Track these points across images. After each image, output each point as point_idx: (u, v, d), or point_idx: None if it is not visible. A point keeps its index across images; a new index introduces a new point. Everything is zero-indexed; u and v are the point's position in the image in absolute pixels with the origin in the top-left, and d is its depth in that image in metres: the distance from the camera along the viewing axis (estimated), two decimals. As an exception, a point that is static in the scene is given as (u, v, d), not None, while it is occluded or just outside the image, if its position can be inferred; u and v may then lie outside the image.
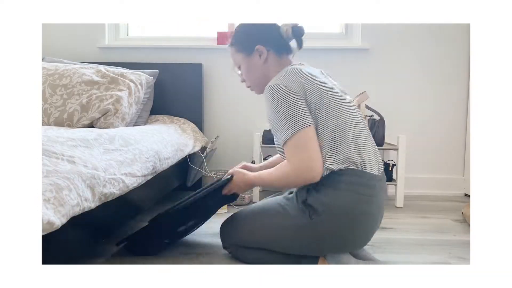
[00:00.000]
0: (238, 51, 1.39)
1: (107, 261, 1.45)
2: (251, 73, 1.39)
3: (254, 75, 1.39)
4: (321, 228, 1.19)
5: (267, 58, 1.35)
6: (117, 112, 1.93)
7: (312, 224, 1.20)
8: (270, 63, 1.36)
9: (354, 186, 1.17)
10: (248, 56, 1.37)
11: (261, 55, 1.36)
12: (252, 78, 1.40)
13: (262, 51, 1.35)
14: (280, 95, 1.19)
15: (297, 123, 1.16)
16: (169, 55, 2.61)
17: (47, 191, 0.92)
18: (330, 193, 1.18)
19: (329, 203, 1.17)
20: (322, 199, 1.18)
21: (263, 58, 1.35)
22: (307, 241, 1.23)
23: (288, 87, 1.19)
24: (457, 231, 1.83)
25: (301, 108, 1.18)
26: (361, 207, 1.18)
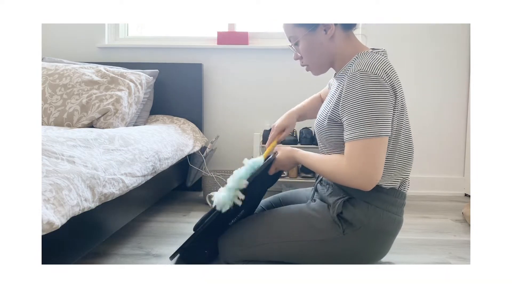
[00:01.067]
0: (297, 25, 1.16)
1: (107, 261, 1.45)
2: (313, 52, 1.18)
3: (317, 54, 1.18)
4: (352, 244, 1.14)
5: (334, 34, 1.15)
6: (117, 112, 1.93)
7: (343, 239, 1.14)
8: (337, 40, 1.16)
9: (391, 206, 1.15)
10: (311, 31, 1.15)
11: (327, 31, 1.14)
12: (314, 58, 1.19)
13: (329, 26, 1.14)
14: (376, 89, 1.03)
15: (380, 128, 1.03)
16: (169, 55, 2.61)
17: (47, 191, 0.92)
18: (370, 211, 1.13)
19: (367, 221, 1.12)
20: (360, 215, 1.12)
21: (329, 34, 1.14)
22: (332, 255, 1.16)
23: (387, 86, 1.04)
24: (457, 231, 1.83)
25: (389, 113, 1.04)
26: (392, 227, 1.17)
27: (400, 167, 1.15)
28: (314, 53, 1.18)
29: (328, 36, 1.15)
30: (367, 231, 1.13)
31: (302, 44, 1.18)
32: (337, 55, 1.18)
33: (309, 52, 1.18)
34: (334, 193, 1.20)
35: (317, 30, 1.15)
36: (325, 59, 1.19)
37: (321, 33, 1.15)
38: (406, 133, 1.15)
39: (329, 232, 1.15)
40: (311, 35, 1.16)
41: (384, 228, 1.14)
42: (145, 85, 2.22)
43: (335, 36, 1.16)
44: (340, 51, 1.17)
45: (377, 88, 1.03)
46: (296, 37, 1.18)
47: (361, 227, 1.13)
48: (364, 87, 1.03)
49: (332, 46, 1.17)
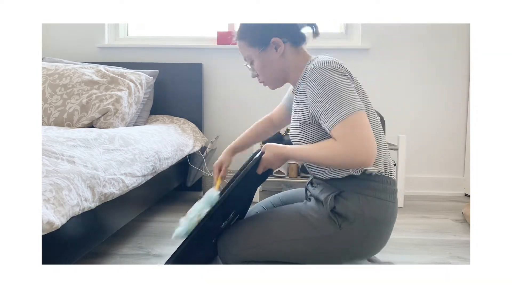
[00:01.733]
0: (250, 45, 1.25)
1: (107, 261, 1.45)
2: (267, 69, 1.26)
3: (270, 71, 1.26)
4: (350, 237, 1.16)
5: (284, 51, 1.23)
6: (117, 112, 1.93)
7: (341, 234, 1.15)
8: (288, 56, 1.24)
9: (382, 193, 1.17)
10: (263, 50, 1.23)
11: (277, 48, 1.22)
12: (268, 74, 1.27)
13: (279, 44, 1.22)
14: (334, 75, 1.10)
15: (354, 104, 1.07)
16: (169, 55, 2.61)
17: (47, 191, 0.92)
18: (361, 201, 1.15)
19: (360, 212, 1.14)
20: (352, 207, 1.14)
21: (280, 52, 1.22)
22: (331, 251, 1.18)
23: (341, 68, 1.12)
24: (457, 231, 1.83)
25: (354, 91, 1.10)
26: (388, 214, 1.18)
27: (380, 150, 1.18)
28: (268, 70, 1.26)
29: (279, 54, 1.23)
30: (363, 221, 1.14)
31: (256, 63, 1.26)
32: (290, 69, 1.26)
33: (263, 69, 1.26)
34: (324, 190, 1.21)
35: (267, 49, 1.23)
36: (278, 74, 1.27)
37: (272, 51, 1.23)
38: (372, 113, 1.19)
39: (326, 228, 1.16)
40: (264, 54, 1.24)
41: (379, 216, 1.16)
42: (145, 85, 2.22)
43: (286, 52, 1.24)
44: (292, 64, 1.25)
45: (335, 73, 1.10)
46: (250, 57, 1.26)
47: (356, 218, 1.14)
48: (324, 75, 1.10)
49: (284, 62, 1.25)
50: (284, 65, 1.25)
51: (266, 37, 1.22)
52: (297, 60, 1.25)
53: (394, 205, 1.20)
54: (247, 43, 1.25)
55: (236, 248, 1.24)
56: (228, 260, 1.26)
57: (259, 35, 1.23)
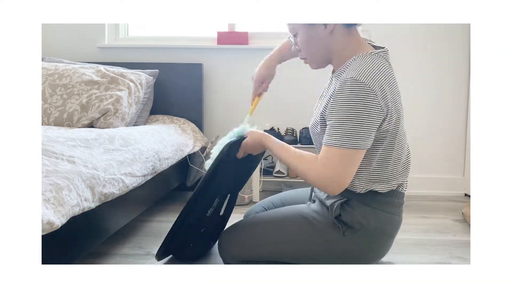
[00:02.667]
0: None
1: (107, 261, 1.45)
2: (311, 45, 1.15)
3: (314, 48, 1.16)
4: (352, 245, 1.15)
5: (333, 29, 1.12)
6: (117, 112, 1.93)
7: (343, 241, 1.15)
8: (337, 35, 1.13)
9: (389, 207, 1.16)
10: (312, 26, 1.13)
11: (326, 26, 1.11)
12: (311, 51, 1.17)
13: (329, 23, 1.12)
14: (364, 101, 1.01)
15: (360, 141, 1.02)
16: (169, 55, 2.61)
17: (47, 191, 0.92)
18: (368, 212, 1.14)
19: (366, 223, 1.13)
20: (358, 218, 1.13)
21: (328, 29, 1.11)
22: (333, 256, 1.17)
23: (376, 99, 1.02)
24: (457, 231, 1.83)
25: (373, 128, 1.04)
26: (392, 227, 1.18)
27: (396, 173, 1.16)
28: (312, 47, 1.16)
29: (327, 31, 1.12)
30: (366, 232, 1.14)
31: (301, 37, 1.16)
32: (335, 52, 1.15)
33: (307, 45, 1.16)
34: (331, 196, 1.19)
35: (316, 24, 1.12)
36: (322, 53, 1.16)
37: (321, 27, 1.12)
38: (401, 139, 1.15)
39: (330, 233, 1.15)
40: (310, 28, 1.13)
41: (383, 229, 1.15)
42: (145, 85, 2.22)
43: (335, 31, 1.12)
44: (339, 47, 1.14)
45: (365, 100, 1.01)
46: (295, 29, 1.16)
47: (360, 228, 1.13)
48: (352, 96, 1.01)
49: (331, 42, 1.13)
50: (330, 45, 1.14)
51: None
52: (346, 45, 1.14)
53: (400, 218, 1.19)
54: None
55: (237, 248, 1.24)
56: (229, 260, 1.26)
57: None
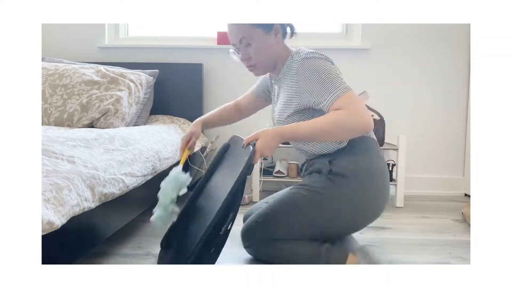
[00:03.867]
0: (255, 26, 1.28)
1: (107, 261, 1.45)
2: (264, 52, 1.32)
3: (267, 55, 1.33)
4: (349, 190, 1.28)
5: (279, 38, 1.33)
6: (117, 112, 1.93)
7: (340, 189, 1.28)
8: (279, 44, 1.34)
9: (369, 150, 1.33)
10: (267, 33, 1.30)
11: (276, 35, 1.32)
12: (264, 57, 1.33)
13: (278, 31, 1.32)
14: (327, 64, 1.23)
15: (345, 85, 1.21)
16: (169, 55, 2.61)
17: (47, 191, 0.92)
18: (353, 158, 1.30)
19: (354, 166, 1.29)
20: (346, 165, 1.29)
21: (278, 38, 1.33)
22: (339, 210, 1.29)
23: (326, 57, 1.26)
24: (457, 231, 1.83)
25: (342, 75, 1.24)
26: (378, 166, 1.33)
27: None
28: (265, 53, 1.31)
29: (277, 40, 1.32)
30: (357, 174, 1.29)
31: (256, 44, 1.29)
32: (278, 57, 1.35)
33: (261, 51, 1.30)
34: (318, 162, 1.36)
35: (270, 33, 1.30)
36: (272, 59, 1.34)
37: (272, 36, 1.30)
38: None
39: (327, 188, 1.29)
40: (267, 36, 1.30)
41: (371, 167, 1.31)
42: (145, 85, 2.22)
43: (279, 37, 1.32)
44: (280, 53, 1.34)
45: (324, 61, 1.24)
46: (251, 37, 1.29)
47: (351, 172, 1.29)
48: (316, 64, 1.23)
49: (277, 49, 1.33)
50: (277, 51, 1.34)
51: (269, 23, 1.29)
52: (283, 50, 1.35)
53: (382, 158, 1.36)
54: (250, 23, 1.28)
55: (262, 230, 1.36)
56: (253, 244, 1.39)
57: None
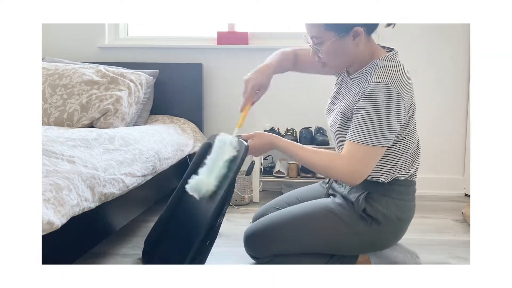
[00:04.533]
0: (327, 28, 1.13)
1: (107, 261, 1.45)
2: (337, 56, 1.18)
3: (341, 58, 1.19)
4: (379, 235, 1.25)
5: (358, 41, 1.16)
6: (117, 112, 1.93)
7: (370, 232, 1.24)
8: (361, 45, 1.18)
9: (406, 195, 1.27)
10: (341, 37, 1.14)
11: (355, 38, 1.15)
12: (337, 60, 1.20)
13: (359, 34, 1.14)
14: (393, 103, 1.09)
15: (384, 140, 1.12)
16: (169, 55, 2.61)
17: (47, 191, 0.92)
18: (389, 203, 1.23)
19: (389, 214, 1.23)
20: (382, 209, 1.22)
21: (357, 41, 1.16)
22: (361, 245, 1.27)
23: (402, 102, 1.11)
24: (457, 231, 1.83)
25: (396, 129, 1.13)
26: (411, 212, 1.29)
27: (415, 159, 1.29)
28: (338, 57, 1.19)
29: (355, 43, 1.16)
30: (390, 221, 1.23)
31: (327, 47, 1.16)
32: (358, 58, 1.20)
33: (334, 55, 1.18)
34: (353, 190, 1.27)
35: (346, 37, 1.14)
36: (346, 62, 1.22)
37: (350, 39, 1.15)
38: (415, 130, 1.28)
39: (358, 225, 1.24)
40: (339, 41, 1.15)
41: (403, 216, 1.26)
42: (145, 85, 2.22)
43: (359, 40, 1.16)
44: (362, 54, 1.20)
45: (393, 103, 1.10)
46: (322, 39, 1.16)
47: (384, 219, 1.22)
48: (383, 99, 1.10)
49: (356, 51, 1.18)
50: (355, 54, 1.19)
51: (349, 24, 1.13)
52: (365, 50, 1.20)
53: (415, 204, 1.31)
54: (325, 25, 1.14)
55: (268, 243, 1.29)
56: (259, 254, 1.32)
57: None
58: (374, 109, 1.10)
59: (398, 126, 1.13)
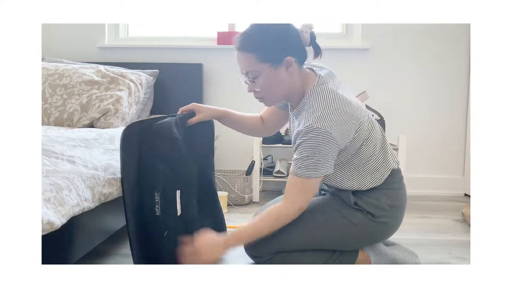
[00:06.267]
0: (260, 61, 1.17)
1: (107, 261, 1.45)
2: (274, 87, 1.20)
3: (277, 89, 1.21)
4: (376, 225, 1.27)
5: (291, 68, 1.19)
6: (117, 112, 1.93)
7: (368, 222, 1.26)
8: (294, 75, 1.20)
9: (393, 184, 1.30)
10: (275, 67, 1.17)
11: (288, 68, 1.18)
12: (274, 92, 1.22)
13: (291, 63, 1.17)
14: (325, 145, 1.13)
15: (317, 171, 1.16)
16: (169, 55, 2.61)
17: (47, 191, 0.92)
18: (377, 194, 1.27)
19: (379, 204, 1.26)
20: (372, 201, 1.26)
21: (290, 71, 1.19)
22: (361, 236, 1.29)
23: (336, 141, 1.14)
24: (457, 231, 1.83)
25: (331, 161, 1.17)
26: (402, 199, 1.31)
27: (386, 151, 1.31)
28: (275, 88, 1.21)
29: (289, 72, 1.19)
30: (382, 210, 1.26)
31: (263, 79, 1.19)
32: (294, 89, 1.23)
33: (270, 87, 1.20)
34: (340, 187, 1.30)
35: (279, 67, 1.18)
36: (284, 93, 1.23)
37: (283, 69, 1.18)
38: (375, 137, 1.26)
39: (355, 216, 1.26)
40: (275, 71, 1.18)
41: (394, 203, 1.28)
42: (145, 85, 2.22)
43: (292, 69, 1.19)
44: (297, 85, 1.22)
45: (325, 144, 1.13)
46: (257, 72, 1.19)
47: (376, 210, 1.26)
48: (313, 142, 1.13)
49: (291, 81, 1.21)
50: (290, 84, 1.21)
51: (280, 54, 1.17)
52: (300, 79, 1.22)
53: (405, 190, 1.34)
54: (255, 57, 1.17)
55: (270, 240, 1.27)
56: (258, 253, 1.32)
57: (272, 50, 1.17)
58: (307, 149, 1.14)
59: (332, 158, 1.17)
